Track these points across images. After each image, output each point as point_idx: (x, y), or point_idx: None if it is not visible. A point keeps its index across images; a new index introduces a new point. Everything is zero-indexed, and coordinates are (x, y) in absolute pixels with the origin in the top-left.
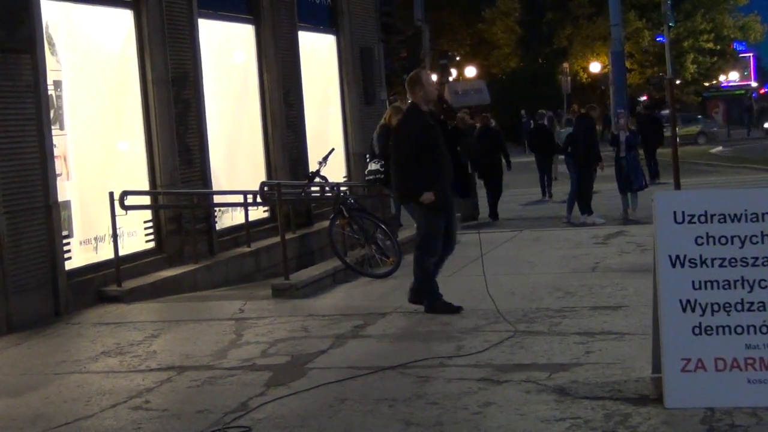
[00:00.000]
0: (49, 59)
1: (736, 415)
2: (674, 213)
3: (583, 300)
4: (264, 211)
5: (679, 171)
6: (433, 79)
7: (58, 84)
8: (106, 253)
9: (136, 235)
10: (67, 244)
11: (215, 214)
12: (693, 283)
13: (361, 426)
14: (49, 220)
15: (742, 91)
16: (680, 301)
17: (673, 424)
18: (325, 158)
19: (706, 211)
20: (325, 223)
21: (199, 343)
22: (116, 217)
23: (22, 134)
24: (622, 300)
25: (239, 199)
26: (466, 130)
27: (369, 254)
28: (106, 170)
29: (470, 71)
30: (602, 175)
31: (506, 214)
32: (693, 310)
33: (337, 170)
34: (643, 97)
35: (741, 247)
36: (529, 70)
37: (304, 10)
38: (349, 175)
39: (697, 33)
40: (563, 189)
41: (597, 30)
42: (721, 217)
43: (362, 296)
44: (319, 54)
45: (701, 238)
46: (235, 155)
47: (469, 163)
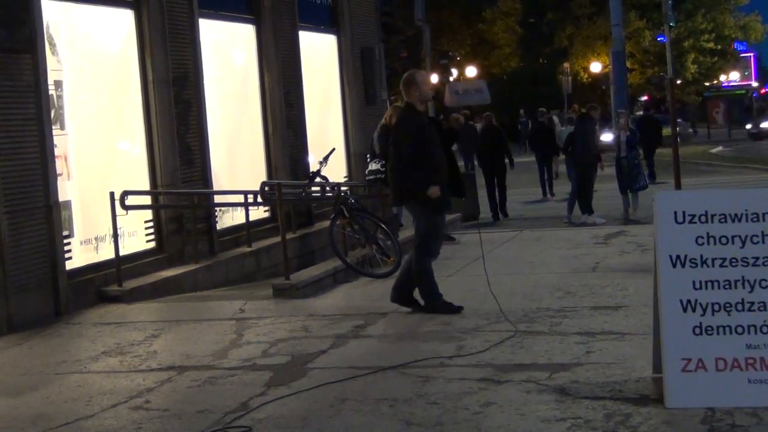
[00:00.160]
0: (50, 59)
1: (737, 415)
2: (675, 213)
3: (583, 300)
4: (264, 211)
5: (680, 171)
6: (429, 78)
7: (58, 84)
8: (106, 253)
9: (137, 235)
10: (68, 243)
11: (216, 213)
12: (693, 283)
13: (361, 426)
14: (49, 219)
15: (743, 91)
16: (681, 301)
17: (674, 424)
18: (326, 158)
19: (706, 211)
20: (326, 223)
21: (199, 343)
22: (117, 217)
23: (23, 134)
24: (623, 300)
25: (240, 199)
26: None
27: (369, 254)
28: (106, 170)
29: (471, 71)
30: (602, 174)
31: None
32: (693, 310)
33: (338, 170)
34: (644, 97)
35: (741, 247)
36: (530, 70)
37: (305, 10)
38: (350, 175)
39: (698, 33)
40: (564, 188)
41: (598, 30)
42: (722, 217)
43: (363, 296)
44: (319, 54)
45: (702, 238)
46: (236, 155)
47: (469, 163)
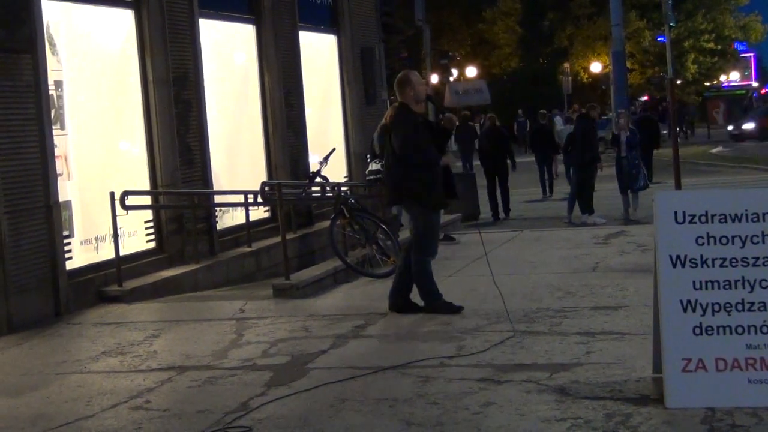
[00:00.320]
0: (50, 59)
1: (737, 415)
2: (675, 213)
3: (583, 300)
4: (265, 211)
5: (680, 171)
6: (422, 79)
7: (58, 84)
8: (106, 253)
9: (137, 235)
10: (68, 244)
11: (216, 214)
12: (694, 283)
13: (361, 426)
14: (49, 219)
15: (743, 91)
16: (681, 301)
17: (674, 424)
18: (326, 158)
19: (706, 211)
20: (326, 223)
21: (199, 343)
22: (117, 217)
23: (23, 134)
24: (623, 300)
25: (240, 199)
26: (469, 131)
27: (370, 254)
28: (106, 170)
29: (471, 71)
30: (602, 175)
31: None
32: (694, 310)
33: (338, 170)
34: (644, 97)
35: (742, 247)
36: (530, 70)
37: (305, 10)
38: (350, 175)
39: (698, 33)
40: (564, 188)
41: (598, 30)
42: (722, 217)
43: (363, 296)
44: (319, 54)
45: (702, 238)
46: (236, 155)
47: (468, 163)
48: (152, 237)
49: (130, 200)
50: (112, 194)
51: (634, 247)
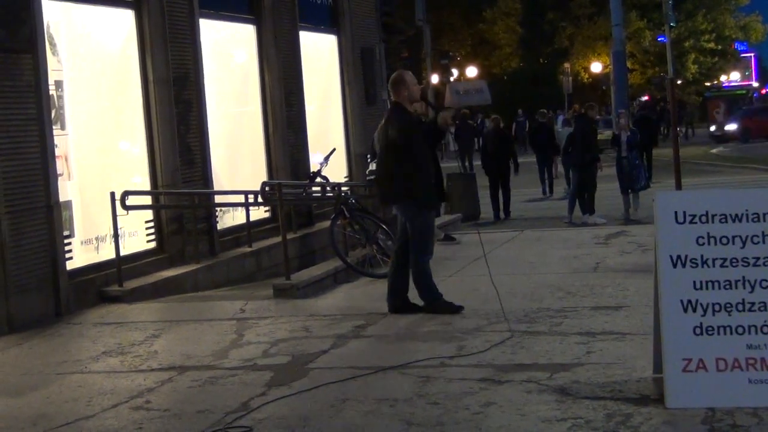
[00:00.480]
0: (50, 59)
1: (738, 416)
2: (675, 213)
3: (584, 300)
4: (265, 211)
5: (680, 171)
6: (416, 79)
7: (59, 84)
8: (107, 253)
9: (138, 235)
10: (69, 244)
11: (216, 214)
12: (694, 283)
13: (362, 426)
14: (50, 220)
15: (744, 91)
16: (681, 301)
17: (674, 424)
18: (327, 158)
19: (707, 211)
20: (326, 223)
21: (200, 343)
22: (117, 217)
23: (24, 134)
24: (623, 300)
25: (240, 199)
26: (468, 130)
27: (370, 254)
28: (107, 170)
29: (471, 71)
30: (603, 175)
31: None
32: (694, 310)
33: (339, 170)
34: (645, 97)
35: (742, 247)
36: (530, 70)
37: (305, 11)
38: (351, 176)
39: (699, 33)
40: (563, 188)
41: (598, 30)
42: (722, 217)
43: (363, 296)
44: (320, 54)
45: (702, 238)
46: (236, 155)
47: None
48: (153, 237)
49: (131, 200)
50: (113, 194)
51: (635, 247)
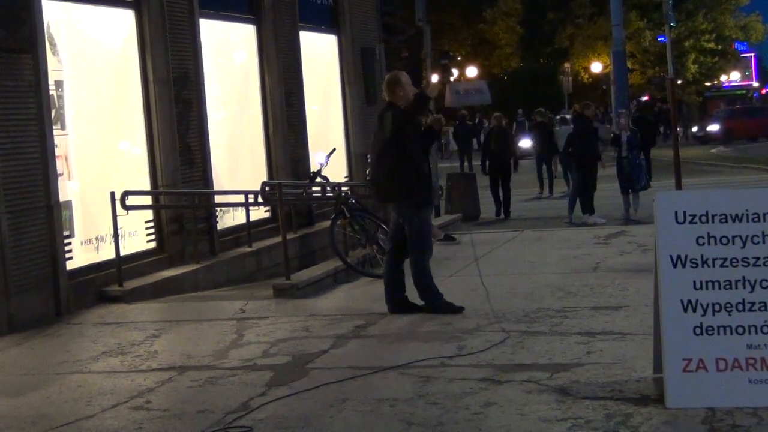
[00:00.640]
0: (51, 59)
1: (738, 416)
2: (675, 213)
3: (584, 300)
4: (265, 211)
5: (680, 171)
6: (409, 79)
7: (59, 84)
8: (107, 253)
9: (138, 235)
10: (69, 244)
11: (216, 214)
12: (694, 283)
13: (362, 426)
14: (50, 219)
15: (744, 91)
16: (681, 301)
17: (675, 424)
18: (327, 158)
19: (707, 211)
20: (327, 223)
21: (200, 343)
22: (117, 217)
23: (24, 134)
24: (623, 300)
25: (240, 199)
26: (466, 130)
27: (370, 254)
28: (107, 170)
29: (471, 71)
30: (603, 175)
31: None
32: (694, 310)
33: (339, 170)
34: (645, 97)
35: (742, 247)
36: (531, 70)
37: (306, 10)
38: (351, 175)
39: (699, 33)
40: (561, 188)
41: (598, 30)
42: (723, 217)
43: (363, 296)
44: (320, 54)
45: (702, 238)
46: (237, 155)
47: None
48: (153, 237)
49: (131, 200)
50: (113, 194)
51: (635, 247)
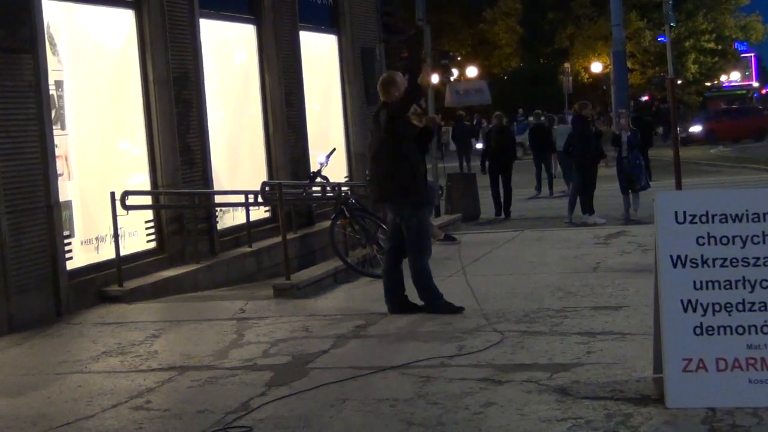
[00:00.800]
0: (51, 59)
1: (738, 416)
2: (675, 213)
3: (584, 300)
4: (265, 211)
5: (681, 171)
6: (404, 79)
7: (59, 84)
8: (107, 253)
9: (138, 235)
10: (69, 244)
11: (216, 214)
12: (694, 283)
13: (362, 426)
14: (50, 219)
15: (744, 91)
16: (681, 301)
17: (675, 424)
18: (327, 158)
19: (707, 211)
20: (327, 223)
21: (200, 343)
22: (117, 217)
23: (24, 134)
24: (624, 300)
25: (240, 199)
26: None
27: (370, 254)
28: (107, 170)
29: (471, 71)
30: (603, 175)
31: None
32: (694, 310)
33: (339, 170)
34: (645, 97)
35: (742, 247)
36: (531, 70)
37: (306, 11)
38: (351, 175)
39: (699, 33)
40: (561, 188)
41: (598, 30)
42: (723, 217)
43: (363, 296)
44: (320, 54)
45: (702, 238)
46: (237, 155)
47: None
48: (153, 237)
49: (131, 200)
50: (113, 194)
51: (635, 247)
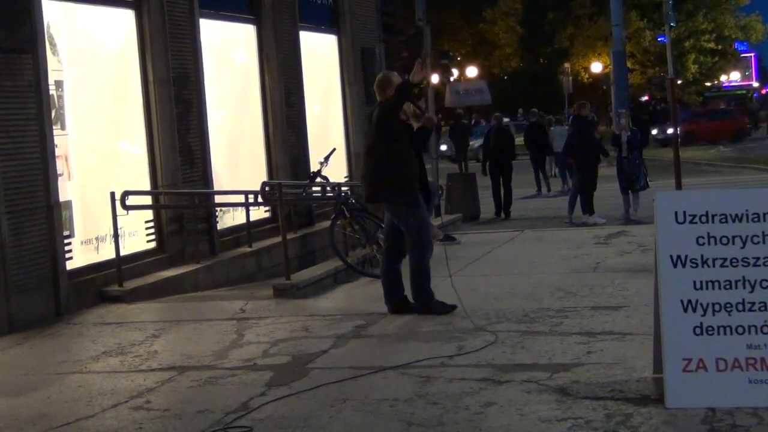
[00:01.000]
0: (51, 59)
1: (738, 416)
2: (675, 213)
3: (584, 300)
4: (265, 211)
5: (681, 171)
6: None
7: (59, 84)
8: (107, 253)
9: (138, 235)
10: (69, 244)
11: (216, 214)
12: (694, 283)
13: (362, 426)
14: (50, 219)
15: (744, 91)
16: (681, 301)
17: (674, 424)
18: (327, 158)
19: (707, 211)
20: (327, 223)
21: (200, 343)
22: (117, 217)
23: (24, 134)
24: (624, 300)
25: (240, 199)
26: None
27: (370, 254)
28: (107, 170)
29: (471, 71)
30: (603, 175)
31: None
32: (694, 310)
33: (339, 170)
34: (645, 97)
35: (742, 247)
36: (531, 70)
37: (306, 10)
38: (351, 175)
39: (699, 33)
40: (557, 187)
41: (598, 30)
42: (723, 217)
43: (363, 296)
44: (320, 54)
45: (702, 238)
46: (237, 155)
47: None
48: (153, 237)
49: (131, 200)
50: (113, 194)
51: (635, 247)
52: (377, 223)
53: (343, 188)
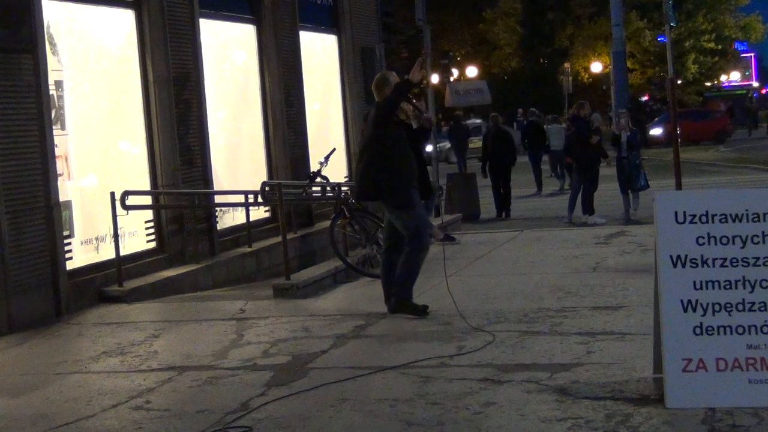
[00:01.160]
0: (51, 59)
1: (738, 416)
2: (675, 213)
3: (584, 300)
4: (265, 211)
5: (681, 171)
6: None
7: (59, 84)
8: (107, 253)
9: (137, 235)
10: (68, 244)
11: (216, 214)
12: (694, 283)
13: (362, 426)
14: (50, 219)
15: (744, 91)
16: (681, 301)
17: (674, 424)
18: (327, 158)
19: (707, 211)
20: (326, 223)
21: (200, 343)
22: (117, 217)
23: (24, 134)
24: (624, 300)
25: (240, 199)
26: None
27: (370, 254)
28: (107, 170)
29: (471, 71)
30: (603, 175)
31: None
32: (694, 310)
33: (339, 170)
34: (645, 97)
35: (742, 247)
36: (531, 70)
37: (306, 11)
38: (351, 175)
39: (699, 33)
40: (552, 186)
41: (598, 30)
42: (723, 217)
43: (363, 296)
44: (320, 54)
45: (702, 238)
46: (237, 155)
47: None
48: (152, 237)
49: (131, 200)
50: (113, 194)
51: (635, 247)
52: (377, 223)
53: (343, 188)
